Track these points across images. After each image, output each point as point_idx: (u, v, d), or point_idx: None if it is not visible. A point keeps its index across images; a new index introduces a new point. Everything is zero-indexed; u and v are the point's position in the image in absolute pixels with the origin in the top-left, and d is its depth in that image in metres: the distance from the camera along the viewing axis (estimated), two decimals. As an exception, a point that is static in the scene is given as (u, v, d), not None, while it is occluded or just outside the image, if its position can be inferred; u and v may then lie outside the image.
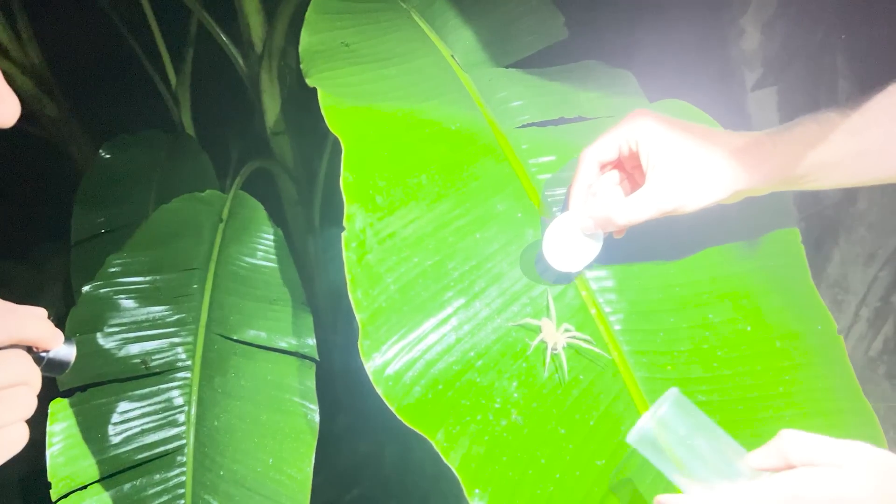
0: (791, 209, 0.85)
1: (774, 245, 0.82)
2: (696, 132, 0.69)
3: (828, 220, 1.55)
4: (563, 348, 0.71)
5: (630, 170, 0.75)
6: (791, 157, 0.68)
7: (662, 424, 0.60)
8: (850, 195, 1.53)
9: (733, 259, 0.81)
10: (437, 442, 0.65)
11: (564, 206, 0.77)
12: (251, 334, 1.10)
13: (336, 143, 0.75)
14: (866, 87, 0.72)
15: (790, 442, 0.57)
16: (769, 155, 0.68)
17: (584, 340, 0.73)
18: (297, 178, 1.50)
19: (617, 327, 0.77)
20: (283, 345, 1.10)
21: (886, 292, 1.58)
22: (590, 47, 0.97)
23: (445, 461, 0.64)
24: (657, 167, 0.68)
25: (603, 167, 0.74)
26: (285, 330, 1.11)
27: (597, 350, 0.73)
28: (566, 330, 0.73)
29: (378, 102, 0.80)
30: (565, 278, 0.76)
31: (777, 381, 0.76)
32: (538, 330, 0.73)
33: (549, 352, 0.71)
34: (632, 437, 0.62)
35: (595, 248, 0.74)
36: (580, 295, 0.77)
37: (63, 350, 0.55)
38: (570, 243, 0.73)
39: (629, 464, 0.71)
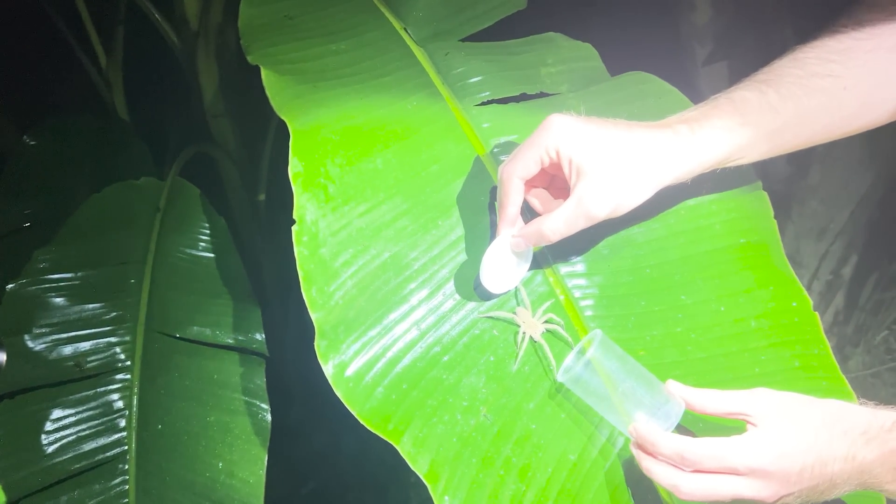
0: (754, 175, 0.83)
1: (747, 221, 0.79)
2: (613, 131, 0.66)
3: (779, 194, 1.55)
4: (542, 334, 0.68)
5: (547, 173, 0.71)
6: (711, 143, 0.67)
7: (588, 364, 0.64)
8: (801, 170, 1.54)
9: (705, 237, 0.78)
10: (402, 447, 0.61)
11: (493, 230, 0.72)
12: (195, 331, 1.05)
13: (281, 124, 0.70)
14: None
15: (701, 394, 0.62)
16: (690, 145, 0.66)
17: (560, 325, 0.69)
18: (239, 163, 1.42)
19: (588, 313, 0.73)
20: (229, 341, 1.05)
21: (837, 265, 1.60)
22: (544, 19, 0.93)
23: (413, 468, 0.60)
24: (582, 175, 0.64)
25: (527, 182, 0.69)
26: (231, 325, 1.07)
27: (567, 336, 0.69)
28: (543, 313, 0.69)
29: (327, 81, 0.75)
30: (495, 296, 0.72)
31: (752, 362, 0.74)
32: (509, 320, 0.69)
33: (523, 343, 0.68)
34: (561, 377, 0.66)
35: (525, 264, 0.71)
36: (548, 280, 0.73)
37: None
38: (503, 265, 0.69)
39: (602, 457, 0.68)
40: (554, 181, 0.72)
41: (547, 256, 0.74)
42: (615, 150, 0.64)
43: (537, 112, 0.80)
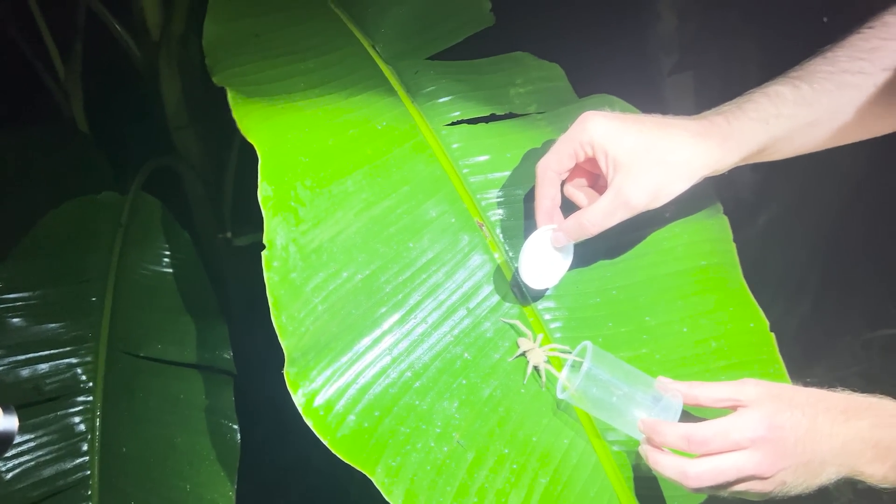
0: (715, 198, 0.83)
1: (707, 244, 0.80)
2: (649, 124, 0.68)
3: (746, 203, 1.57)
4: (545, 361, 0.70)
5: (590, 172, 0.73)
6: (747, 134, 0.69)
7: (587, 377, 0.64)
8: (767, 178, 1.55)
9: (668, 259, 0.78)
10: (376, 477, 0.60)
11: (531, 224, 0.73)
12: (159, 350, 1.03)
13: (247, 133, 0.68)
14: (776, 71, 0.72)
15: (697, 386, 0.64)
16: (727, 135, 0.68)
17: (565, 351, 0.71)
18: (204, 175, 1.39)
19: (557, 335, 0.73)
20: (196, 360, 1.03)
21: (804, 272, 1.62)
22: (511, 35, 0.93)
23: (388, 500, 0.59)
24: (619, 167, 0.66)
25: (562, 176, 0.71)
26: (198, 343, 1.05)
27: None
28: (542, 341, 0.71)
29: (295, 101, 0.73)
30: (539, 294, 0.74)
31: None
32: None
33: (527, 372, 0.69)
34: (561, 394, 0.67)
35: (567, 260, 0.73)
36: (517, 304, 0.73)
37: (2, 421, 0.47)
38: (543, 260, 0.71)
39: (574, 478, 0.68)
40: (598, 180, 0.73)
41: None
42: (650, 141, 0.66)
43: (507, 133, 0.80)
